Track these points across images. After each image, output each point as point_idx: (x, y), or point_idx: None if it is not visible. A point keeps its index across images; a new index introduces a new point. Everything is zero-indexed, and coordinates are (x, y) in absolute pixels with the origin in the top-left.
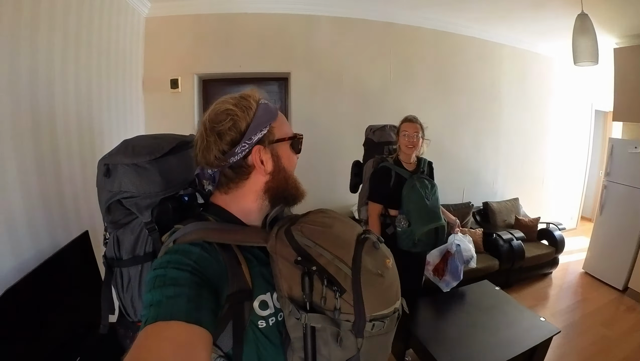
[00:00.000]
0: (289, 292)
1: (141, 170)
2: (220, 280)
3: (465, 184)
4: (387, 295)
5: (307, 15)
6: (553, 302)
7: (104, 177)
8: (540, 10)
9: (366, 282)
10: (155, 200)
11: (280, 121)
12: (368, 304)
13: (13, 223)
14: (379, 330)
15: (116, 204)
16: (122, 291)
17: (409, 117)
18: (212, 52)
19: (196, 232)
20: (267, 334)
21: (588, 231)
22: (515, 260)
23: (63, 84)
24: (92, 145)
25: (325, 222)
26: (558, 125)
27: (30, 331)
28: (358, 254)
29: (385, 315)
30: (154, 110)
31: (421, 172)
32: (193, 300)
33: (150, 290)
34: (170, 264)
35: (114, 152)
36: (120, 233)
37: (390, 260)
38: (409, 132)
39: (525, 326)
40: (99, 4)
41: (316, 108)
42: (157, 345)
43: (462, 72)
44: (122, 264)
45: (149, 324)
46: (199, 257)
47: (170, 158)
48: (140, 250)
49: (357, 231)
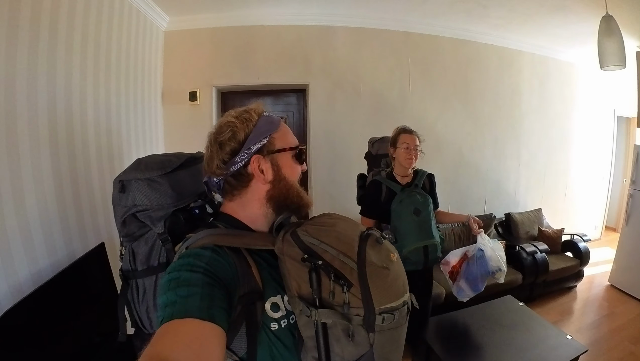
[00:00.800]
0: (298, 291)
1: (153, 184)
2: (232, 281)
3: (486, 195)
4: (395, 287)
5: (324, 26)
6: (578, 317)
7: (119, 194)
8: (561, 14)
9: (372, 275)
10: (167, 212)
11: (283, 132)
12: (376, 297)
13: (29, 233)
14: (390, 323)
15: (131, 218)
16: (138, 302)
17: (407, 128)
18: (230, 64)
19: (207, 238)
20: (279, 336)
21: (613, 242)
22: (539, 273)
23: (82, 98)
24: (110, 157)
25: (328, 222)
26: (580, 133)
27: (44, 340)
28: (362, 249)
29: (395, 307)
30: (173, 122)
31: (415, 185)
32: (206, 299)
33: (164, 292)
34: (183, 267)
35: (127, 169)
36: (135, 246)
37: (394, 254)
38: (411, 144)
39: (551, 345)
40: (118, 19)
41: (335, 120)
42: (172, 341)
43: (482, 80)
44: (137, 275)
45: (165, 322)
46: (211, 260)
47: (180, 172)
48: (154, 261)
49: (360, 229)
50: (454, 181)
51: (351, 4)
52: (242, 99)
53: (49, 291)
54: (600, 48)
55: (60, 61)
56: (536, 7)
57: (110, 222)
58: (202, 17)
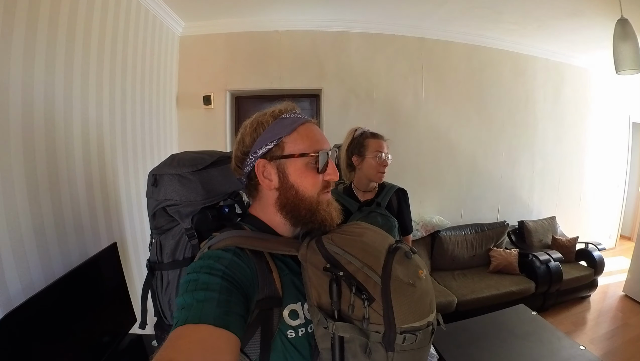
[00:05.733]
0: (318, 300)
1: (184, 180)
2: (251, 285)
3: (499, 202)
4: (419, 306)
5: (338, 32)
6: (592, 328)
7: (152, 187)
8: (576, 18)
9: (396, 291)
10: (196, 209)
11: (296, 136)
12: (398, 314)
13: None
14: (411, 343)
15: (161, 211)
16: (161, 293)
17: (377, 133)
18: (244, 69)
19: (230, 239)
20: (296, 345)
21: (628, 251)
22: (552, 282)
23: (98, 101)
24: (124, 160)
25: (356, 231)
26: (595, 139)
27: (54, 338)
28: (389, 263)
29: (418, 327)
30: (187, 126)
31: (376, 204)
32: (223, 305)
33: (183, 293)
34: (203, 269)
35: (161, 164)
36: (163, 239)
37: (423, 271)
38: (385, 152)
39: (565, 356)
40: (135, 24)
41: (348, 125)
42: (184, 346)
43: (496, 86)
44: (162, 267)
45: (179, 326)
46: (231, 263)
47: (211, 170)
48: (179, 255)
49: (389, 241)
50: (468, 188)
51: (365, 10)
52: (256, 104)
53: (59, 289)
54: (616, 52)
55: (77, 66)
56: (551, 12)
57: (123, 222)
58: (217, 22)
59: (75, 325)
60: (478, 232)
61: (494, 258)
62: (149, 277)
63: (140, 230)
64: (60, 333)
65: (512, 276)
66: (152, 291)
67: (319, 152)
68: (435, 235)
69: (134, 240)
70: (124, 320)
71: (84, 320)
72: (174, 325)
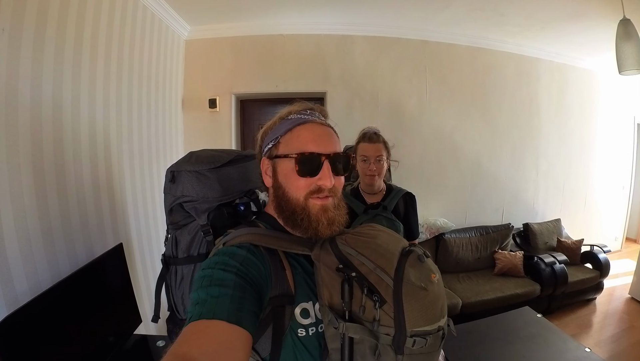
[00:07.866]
0: (329, 300)
1: (201, 177)
2: (264, 282)
3: (504, 204)
4: (431, 310)
5: (342, 35)
6: (597, 330)
7: (169, 183)
8: (579, 19)
9: (408, 294)
10: (212, 206)
11: (289, 137)
12: (409, 318)
13: (49, 231)
14: (421, 347)
15: (177, 207)
16: (175, 287)
17: (368, 134)
18: (249, 72)
19: (245, 236)
20: (306, 343)
21: (633, 253)
22: (557, 285)
23: (105, 103)
24: (130, 162)
25: (370, 233)
26: (600, 141)
27: (59, 337)
28: (401, 265)
29: (428, 331)
30: (193, 129)
31: (382, 207)
32: (236, 301)
33: (197, 288)
34: (218, 265)
35: (179, 161)
36: (179, 234)
37: (436, 275)
38: (369, 155)
39: (570, 358)
40: (141, 28)
41: (352, 128)
42: (198, 341)
43: (499, 88)
44: (177, 262)
45: (193, 321)
46: (245, 259)
47: (228, 168)
48: (194, 251)
49: (403, 244)
50: (472, 190)
51: (369, 14)
52: (261, 107)
53: (65, 289)
54: (618, 52)
55: (85, 68)
56: (553, 14)
57: (129, 223)
58: (223, 26)
59: (80, 325)
60: (483, 235)
61: (499, 260)
62: (163, 271)
63: (146, 231)
64: (66, 332)
65: (517, 279)
66: (166, 285)
67: (300, 154)
68: (439, 237)
69: (139, 241)
70: (129, 320)
71: (89, 319)
72: (187, 320)
